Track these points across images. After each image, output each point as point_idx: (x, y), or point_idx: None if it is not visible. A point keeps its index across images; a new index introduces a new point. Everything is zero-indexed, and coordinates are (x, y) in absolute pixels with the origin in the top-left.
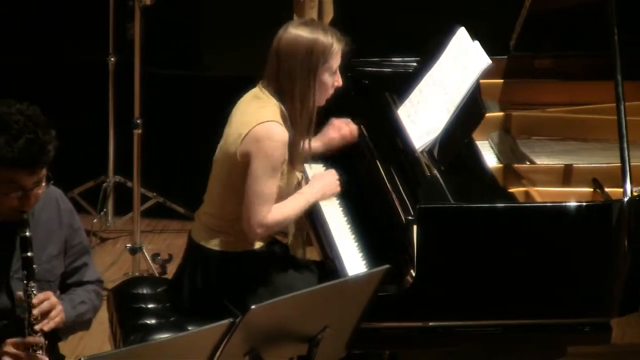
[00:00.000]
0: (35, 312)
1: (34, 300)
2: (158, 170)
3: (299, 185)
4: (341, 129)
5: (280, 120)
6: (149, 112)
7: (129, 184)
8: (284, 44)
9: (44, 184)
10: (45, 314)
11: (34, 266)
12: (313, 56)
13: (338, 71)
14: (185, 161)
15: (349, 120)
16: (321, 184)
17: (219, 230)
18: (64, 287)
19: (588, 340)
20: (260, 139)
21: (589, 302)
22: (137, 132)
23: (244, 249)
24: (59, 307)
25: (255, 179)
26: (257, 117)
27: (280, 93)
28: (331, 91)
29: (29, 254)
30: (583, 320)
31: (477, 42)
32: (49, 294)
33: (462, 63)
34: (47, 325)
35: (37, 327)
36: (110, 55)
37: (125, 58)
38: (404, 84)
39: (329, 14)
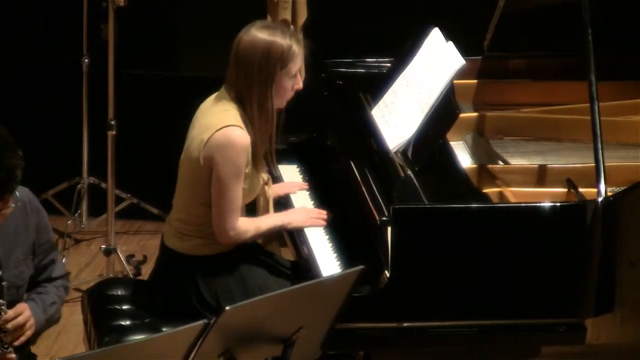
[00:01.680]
0: (3, 328)
1: (5, 317)
2: (132, 172)
3: (265, 186)
4: (291, 190)
5: (241, 124)
6: (123, 113)
7: (103, 185)
8: (242, 47)
9: (12, 204)
10: (16, 329)
11: (3, 284)
12: (270, 59)
13: (298, 74)
14: (160, 162)
15: (300, 184)
16: (299, 214)
17: (190, 234)
18: (33, 284)
19: (563, 341)
20: (222, 145)
21: (564, 303)
22: (111, 133)
23: (216, 252)
24: (32, 321)
25: (222, 187)
26: (218, 122)
27: (240, 96)
28: (291, 94)
29: None
30: (557, 321)
31: (450, 43)
32: (23, 307)
33: (436, 63)
34: (18, 340)
35: (7, 339)
36: (84, 56)
37: (99, 59)
38: (378, 84)
39: (303, 15)
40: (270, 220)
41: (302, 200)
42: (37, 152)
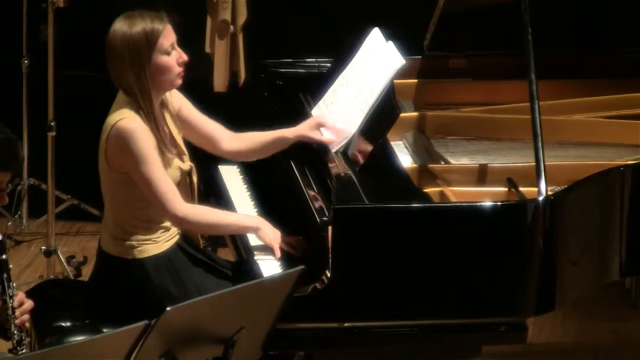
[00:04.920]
0: (17, 313)
1: (16, 302)
2: (72, 173)
3: (188, 176)
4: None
5: (132, 115)
6: (63, 115)
7: (44, 186)
8: (108, 44)
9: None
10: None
11: (9, 266)
12: (136, 45)
13: (177, 47)
14: None
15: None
16: (273, 230)
17: (120, 237)
18: None
19: (504, 340)
20: (119, 142)
21: (505, 302)
22: (51, 134)
23: (150, 254)
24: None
25: (142, 176)
26: (110, 121)
27: (125, 89)
28: (178, 68)
29: (3, 256)
30: (498, 320)
31: (390, 42)
32: (22, 294)
33: (375, 63)
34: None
35: (18, 322)
36: (23, 58)
37: (38, 60)
38: (318, 84)
39: (243, 15)
40: (238, 217)
41: (242, 200)
42: None
